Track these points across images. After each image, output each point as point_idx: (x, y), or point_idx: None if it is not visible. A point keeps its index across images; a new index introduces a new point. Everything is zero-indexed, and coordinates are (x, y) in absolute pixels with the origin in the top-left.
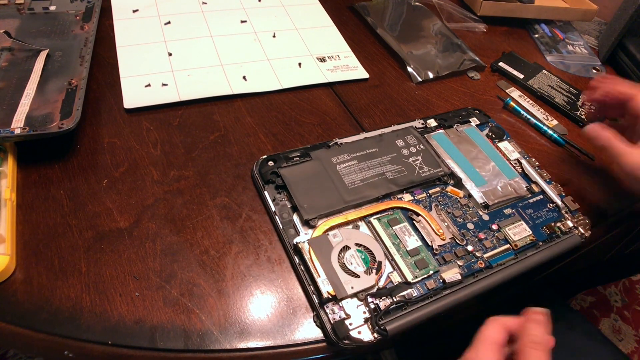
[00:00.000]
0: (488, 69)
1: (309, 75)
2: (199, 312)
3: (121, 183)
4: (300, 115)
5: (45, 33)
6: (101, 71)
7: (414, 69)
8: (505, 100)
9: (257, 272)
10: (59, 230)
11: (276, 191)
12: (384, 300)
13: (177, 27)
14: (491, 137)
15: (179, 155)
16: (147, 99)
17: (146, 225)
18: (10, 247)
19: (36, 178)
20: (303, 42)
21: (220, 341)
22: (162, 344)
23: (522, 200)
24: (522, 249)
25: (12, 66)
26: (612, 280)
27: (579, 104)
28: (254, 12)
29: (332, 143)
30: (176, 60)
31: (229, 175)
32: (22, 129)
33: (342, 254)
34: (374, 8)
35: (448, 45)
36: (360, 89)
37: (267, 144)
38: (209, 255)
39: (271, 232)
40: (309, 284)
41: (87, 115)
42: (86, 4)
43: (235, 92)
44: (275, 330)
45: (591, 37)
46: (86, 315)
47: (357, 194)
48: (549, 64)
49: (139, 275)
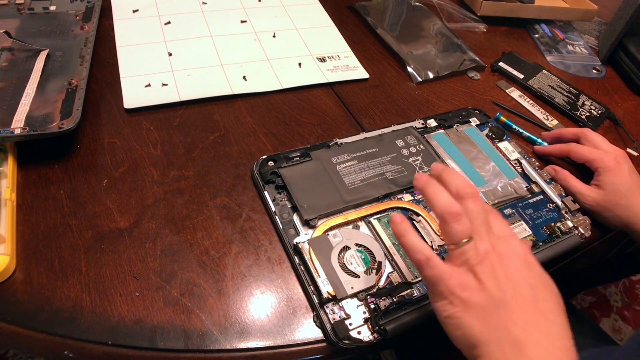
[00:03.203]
0: (488, 69)
1: (309, 75)
2: (199, 312)
3: (121, 183)
4: (300, 115)
5: (45, 33)
6: (101, 71)
7: (414, 69)
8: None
9: (257, 272)
10: (59, 230)
11: (276, 191)
12: (384, 300)
13: (177, 27)
14: (491, 137)
15: (179, 155)
16: (147, 99)
17: (146, 225)
18: (10, 247)
19: (36, 178)
20: (303, 42)
21: (220, 341)
22: (162, 344)
23: (522, 201)
24: None
25: (12, 66)
26: (612, 280)
27: (578, 105)
28: (254, 12)
29: (332, 143)
30: (176, 60)
31: (229, 175)
32: (22, 129)
33: (342, 254)
34: (374, 8)
35: (448, 45)
36: (360, 89)
37: (267, 144)
38: (209, 255)
39: (271, 232)
40: (309, 284)
41: (87, 115)
42: (86, 4)
43: (235, 92)
44: (275, 330)
45: (591, 37)
46: (86, 315)
47: (357, 194)
48: (549, 64)
49: (139, 275)
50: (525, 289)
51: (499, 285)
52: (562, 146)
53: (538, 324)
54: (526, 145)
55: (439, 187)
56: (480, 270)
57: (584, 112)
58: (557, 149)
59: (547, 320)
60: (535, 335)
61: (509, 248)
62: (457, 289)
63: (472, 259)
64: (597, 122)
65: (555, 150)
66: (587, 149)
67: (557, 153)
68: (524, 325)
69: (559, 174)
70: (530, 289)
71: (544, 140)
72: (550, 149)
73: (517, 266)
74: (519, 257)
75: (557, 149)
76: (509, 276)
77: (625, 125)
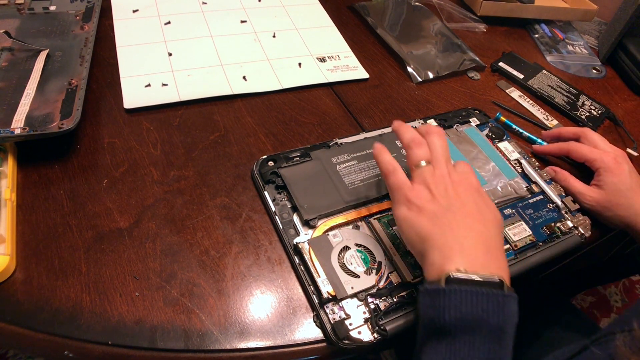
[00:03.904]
0: (488, 69)
1: (309, 75)
2: (199, 312)
3: (121, 183)
4: (300, 115)
5: (45, 33)
6: (101, 71)
7: (414, 69)
8: (496, 115)
9: (257, 272)
10: (59, 230)
11: (276, 191)
12: (384, 300)
13: (177, 27)
14: (491, 137)
15: (179, 155)
16: (147, 99)
17: (146, 225)
18: (11, 247)
19: (36, 178)
20: (303, 42)
21: (220, 341)
22: (162, 344)
23: (522, 201)
24: (522, 249)
25: (12, 66)
26: (612, 280)
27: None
28: (254, 12)
29: (332, 143)
30: (176, 60)
31: (229, 175)
32: (22, 129)
33: (342, 254)
34: (374, 8)
35: (448, 45)
36: (360, 89)
37: (267, 144)
38: (209, 255)
39: (271, 232)
40: (309, 284)
41: (87, 115)
42: (86, 4)
43: (235, 92)
44: (275, 330)
45: (591, 37)
46: (86, 315)
47: (357, 194)
48: (549, 64)
49: (139, 276)
50: (472, 207)
51: (449, 200)
52: (562, 145)
53: (481, 232)
54: (526, 145)
55: (410, 128)
56: (434, 187)
57: (584, 112)
58: (557, 147)
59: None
60: (475, 237)
61: (464, 179)
62: (414, 198)
63: (428, 178)
64: (597, 122)
65: (555, 148)
66: (587, 148)
67: (556, 152)
68: (467, 228)
69: (559, 175)
70: (477, 207)
71: (543, 140)
72: (549, 148)
73: (469, 191)
74: (472, 186)
75: (556, 147)
76: (459, 195)
77: (625, 125)
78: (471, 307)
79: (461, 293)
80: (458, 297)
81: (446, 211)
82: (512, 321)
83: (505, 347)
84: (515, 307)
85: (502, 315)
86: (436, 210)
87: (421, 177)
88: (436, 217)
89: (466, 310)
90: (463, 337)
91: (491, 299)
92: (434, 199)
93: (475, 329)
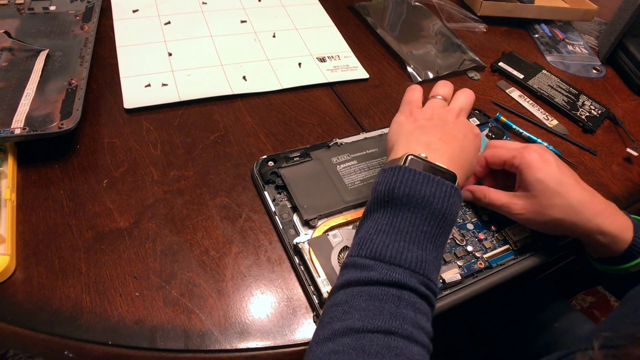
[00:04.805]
0: (488, 69)
1: (309, 75)
2: (199, 312)
3: (121, 183)
4: (300, 115)
5: (45, 33)
6: (101, 71)
7: (414, 69)
8: (496, 115)
9: (257, 272)
10: (59, 230)
11: (276, 191)
12: None
13: (177, 27)
14: (491, 137)
15: (179, 155)
16: (147, 99)
17: (146, 226)
18: (10, 247)
19: (36, 178)
20: (303, 42)
21: (220, 341)
22: (162, 344)
23: None
24: (522, 249)
25: (12, 66)
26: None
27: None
28: (254, 12)
29: (332, 143)
30: (176, 60)
31: (229, 175)
32: (22, 129)
33: (342, 254)
34: (374, 8)
35: (448, 45)
36: (360, 89)
37: (267, 144)
38: (209, 255)
39: (271, 232)
40: (309, 284)
41: (87, 116)
42: (86, 4)
43: (235, 92)
44: (275, 330)
45: (591, 37)
46: (86, 315)
47: (357, 194)
48: (549, 64)
49: (139, 276)
50: (460, 139)
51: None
52: (481, 162)
53: (454, 150)
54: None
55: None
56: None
57: (584, 112)
58: (480, 170)
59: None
60: (448, 150)
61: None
62: (416, 113)
63: (436, 108)
64: (597, 122)
65: (480, 171)
66: (503, 149)
67: (482, 173)
68: (445, 143)
69: (477, 194)
70: (464, 141)
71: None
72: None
73: (465, 131)
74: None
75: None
76: (456, 127)
77: (625, 125)
78: (421, 187)
79: (415, 173)
80: (412, 175)
81: (434, 127)
82: (453, 211)
83: (440, 230)
84: (459, 203)
85: (446, 203)
86: (427, 124)
87: (431, 104)
88: (423, 127)
89: (416, 189)
90: (407, 211)
91: (441, 186)
92: (430, 119)
93: (419, 207)
